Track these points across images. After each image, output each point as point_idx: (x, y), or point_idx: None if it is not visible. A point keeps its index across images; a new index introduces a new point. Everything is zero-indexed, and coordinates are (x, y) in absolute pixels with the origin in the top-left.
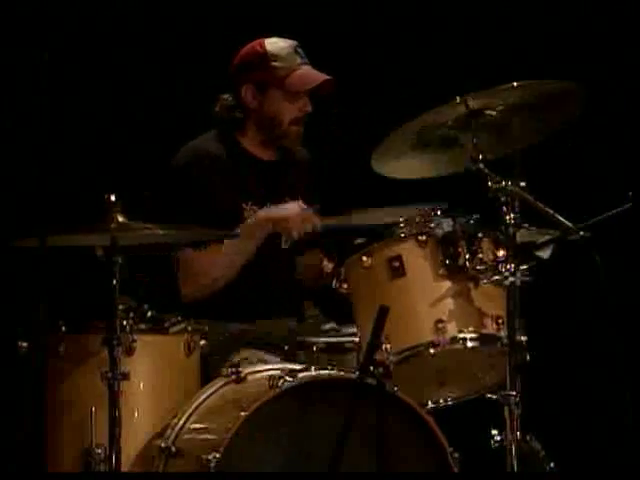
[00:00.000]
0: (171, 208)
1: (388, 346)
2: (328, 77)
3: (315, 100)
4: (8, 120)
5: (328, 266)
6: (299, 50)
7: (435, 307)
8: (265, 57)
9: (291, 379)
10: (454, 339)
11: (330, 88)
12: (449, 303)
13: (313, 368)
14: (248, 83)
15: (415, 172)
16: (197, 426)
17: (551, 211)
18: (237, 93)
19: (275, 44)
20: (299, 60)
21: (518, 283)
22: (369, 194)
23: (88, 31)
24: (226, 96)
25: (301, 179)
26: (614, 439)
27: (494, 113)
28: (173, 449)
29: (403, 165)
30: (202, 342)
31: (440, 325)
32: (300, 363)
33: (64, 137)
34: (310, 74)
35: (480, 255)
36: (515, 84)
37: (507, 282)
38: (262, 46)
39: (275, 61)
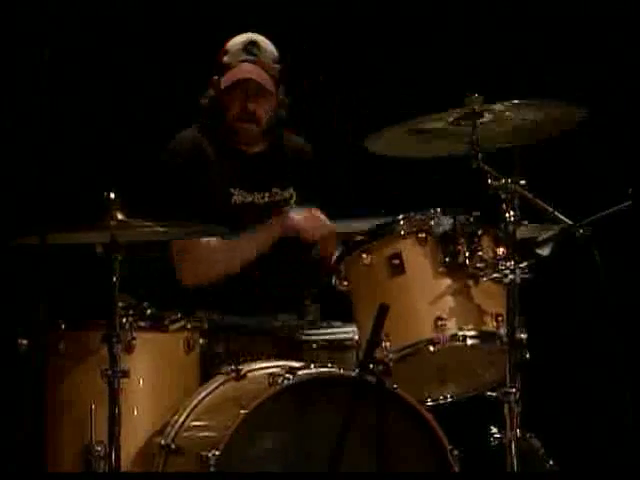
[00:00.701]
0: (162, 200)
1: (388, 344)
2: (246, 76)
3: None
4: (8, 120)
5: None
6: (250, 47)
7: (435, 305)
8: (222, 52)
9: (291, 377)
10: (454, 337)
11: (260, 91)
12: (449, 300)
13: (313, 366)
14: (212, 77)
15: (410, 151)
16: (197, 424)
17: (551, 208)
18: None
19: (234, 40)
20: (243, 57)
21: (518, 280)
22: (369, 194)
23: (88, 30)
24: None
25: (292, 170)
26: (614, 437)
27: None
28: (173, 446)
29: (398, 144)
30: (201, 340)
31: (440, 323)
32: (300, 361)
33: (64, 136)
34: (237, 71)
35: (480, 253)
36: (517, 101)
37: (507, 279)
38: (227, 42)
39: (225, 56)
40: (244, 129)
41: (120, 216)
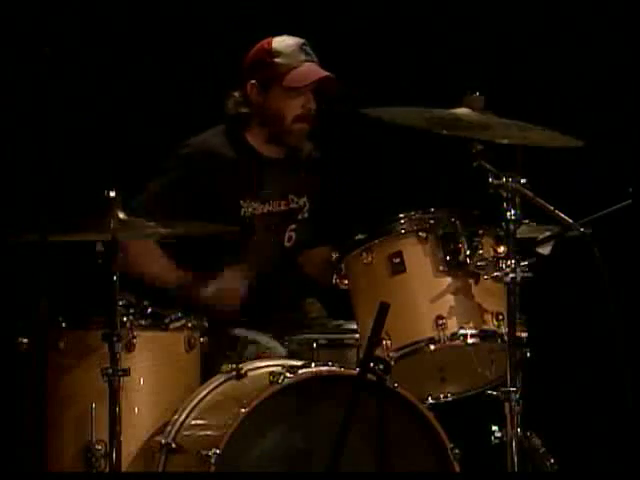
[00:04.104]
0: (169, 193)
1: (388, 342)
2: (327, 74)
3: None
4: (8, 118)
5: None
6: (305, 48)
7: (435, 303)
8: (269, 54)
9: (291, 375)
10: (454, 335)
11: (333, 86)
12: (449, 299)
13: (313, 364)
14: (253, 80)
15: (414, 120)
16: (197, 422)
17: (551, 207)
18: (243, 90)
19: (282, 42)
20: (303, 57)
21: (518, 279)
22: (373, 193)
23: (88, 29)
24: (236, 93)
25: (308, 177)
26: (615, 436)
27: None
28: (173, 445)
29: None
30: (202, 339)
31: (440, 321)
32: (300, 359)
33: (65, 133)
34: (309, 71)
35: (480, 251)
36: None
37: (507, 278)
38: (269, 43)
39: (278, 58)
40: (301, 129)
41: (121, 215)
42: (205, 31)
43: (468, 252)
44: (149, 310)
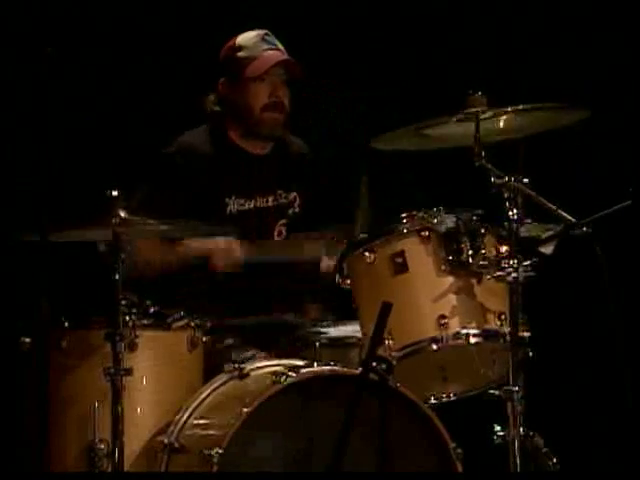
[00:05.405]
0: (156, 195)
1: (391, 342)
2: (284, 58)
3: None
4: (9, 117)
5: (330, 265)
6: (267, 38)
7: (438, 303)
8: (233, 49)
9: (294, 375)
10: (457, 335)
11: (297, 71)
12: (452, 299)
13: (315, 364)
14: (222, 77)
15: (417, 145)
16: (200, 422)
17: (554, 207)
18: (216, 89)
19: (245, 35)
20: (264, 47)
21: (521, 279)
22: (371, 193)
23: (89, 28)
24: (212, 93)
25: (295, 173)
26: (616, 435)
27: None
28: (176, 445)
29: (404, 141)
30: (205, 338)
31: (443, 321)
32: (302, 359)
33: (66, 133)
34: (268, 58)
35: (483, 251)
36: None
37: (510, 278)
38: (234, 40)
39: (240, 51)
40: (271, 119)
41: (122, 214)
42: (205, 31)
43: (470, 252)
44: (151, 309)
